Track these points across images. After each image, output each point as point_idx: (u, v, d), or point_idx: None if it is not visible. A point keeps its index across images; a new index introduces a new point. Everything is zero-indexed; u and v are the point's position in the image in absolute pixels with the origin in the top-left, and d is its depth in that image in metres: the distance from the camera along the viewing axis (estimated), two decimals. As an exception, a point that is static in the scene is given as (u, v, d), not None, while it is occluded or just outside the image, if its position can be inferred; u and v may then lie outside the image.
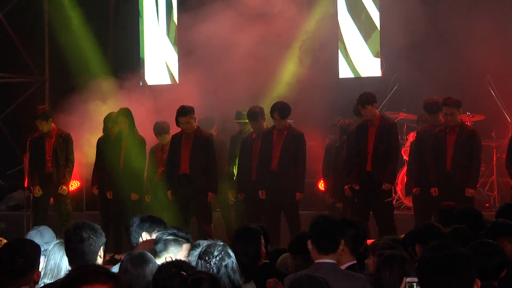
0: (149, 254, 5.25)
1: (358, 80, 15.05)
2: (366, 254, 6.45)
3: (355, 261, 6.27)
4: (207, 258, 5.09)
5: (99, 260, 5.17)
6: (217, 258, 5.08)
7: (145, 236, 6.21)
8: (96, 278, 3.38)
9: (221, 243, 5.22)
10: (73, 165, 12.68)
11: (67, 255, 5.25)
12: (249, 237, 6.24)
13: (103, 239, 5.27)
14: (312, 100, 13.86)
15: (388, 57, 14.91)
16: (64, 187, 12.53)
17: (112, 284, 3.41)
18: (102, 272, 3.43)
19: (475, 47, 13.17)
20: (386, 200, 11.18)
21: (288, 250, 6.84)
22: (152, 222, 6.31)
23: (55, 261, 5.57)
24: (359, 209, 11.17)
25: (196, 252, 5.27)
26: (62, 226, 11.62)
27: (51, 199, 12.68)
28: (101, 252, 5.22)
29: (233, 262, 5.13)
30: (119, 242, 12.37)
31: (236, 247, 5.91)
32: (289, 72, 14.44)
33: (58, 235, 6.67)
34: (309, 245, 5.75)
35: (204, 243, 5.29)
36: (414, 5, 14.05)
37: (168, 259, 5.38)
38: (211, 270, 5.02)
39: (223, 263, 5.09)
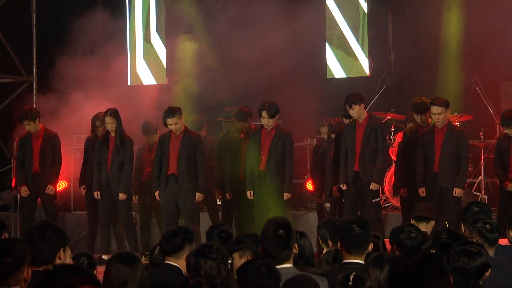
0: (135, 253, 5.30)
1: (346, 80, 15.05)
2: None
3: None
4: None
5: (58, 261, 5.16)
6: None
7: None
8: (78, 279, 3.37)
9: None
10: (60, 165, 12.66)
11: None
12: None
13: (66, 241, 5.28)
14: (300, 100, 13.85)
15: (376, 58, 14.92)
16: (51, 187, 12.50)
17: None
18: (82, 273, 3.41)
19: (462, 47, 13.21)
20: (373, 201, 11.18)
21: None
22: None
23: None
24: (347, 209, 11.17)
25: None
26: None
27: (38, 199, 12.65)
28: (61, 254, 5.20)
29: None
30: (107, 242, 12.33)
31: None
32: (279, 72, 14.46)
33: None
34: (262, 252, 5.62)
35: None
36: (402, 7, 14.09)
37: None
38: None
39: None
